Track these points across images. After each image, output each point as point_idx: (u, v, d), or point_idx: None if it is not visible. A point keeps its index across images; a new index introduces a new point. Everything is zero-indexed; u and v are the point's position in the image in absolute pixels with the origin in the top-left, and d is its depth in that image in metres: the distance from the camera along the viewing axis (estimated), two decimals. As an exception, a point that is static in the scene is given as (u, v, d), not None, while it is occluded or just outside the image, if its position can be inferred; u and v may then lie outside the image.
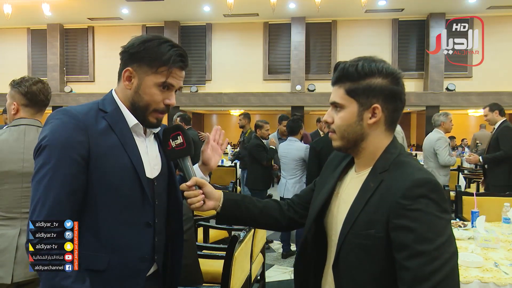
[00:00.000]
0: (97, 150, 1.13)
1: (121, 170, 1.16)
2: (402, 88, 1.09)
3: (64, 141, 1.10)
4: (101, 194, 1.15)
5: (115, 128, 1.18)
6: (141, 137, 1.26)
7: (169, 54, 1.17)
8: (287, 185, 4.49)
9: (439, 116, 4.88)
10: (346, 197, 1.13)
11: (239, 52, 13.39)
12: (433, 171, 4.69)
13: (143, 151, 1.24)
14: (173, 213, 1.34)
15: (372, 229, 1.00)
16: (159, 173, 1.29)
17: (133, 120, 1.22)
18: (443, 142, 4.73)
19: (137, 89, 1.20)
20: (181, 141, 1.24)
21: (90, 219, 1.14)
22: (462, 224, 2.76)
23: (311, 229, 1.20)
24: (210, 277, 2.75)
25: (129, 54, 1.20)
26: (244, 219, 1.33)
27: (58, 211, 1.08)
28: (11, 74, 11.63)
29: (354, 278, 1.05)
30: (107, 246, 1.16)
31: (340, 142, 1.12)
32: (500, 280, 1.85)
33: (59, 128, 1.12)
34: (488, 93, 11.95)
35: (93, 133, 1.14)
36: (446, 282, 0.90)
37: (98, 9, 12.34)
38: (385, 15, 12.44)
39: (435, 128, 4.90)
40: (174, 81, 1.21)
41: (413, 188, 0.97)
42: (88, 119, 1.15)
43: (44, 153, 1.10)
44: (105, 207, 1.15)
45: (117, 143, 1.17)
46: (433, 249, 0.92)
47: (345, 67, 1.09)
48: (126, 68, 1.20)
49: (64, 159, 1.10)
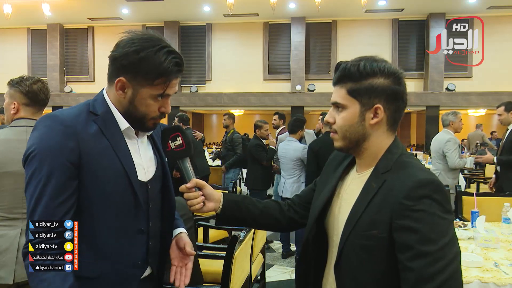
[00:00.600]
0: (88, 155, 1.10)
1: (112, 175, 1.13)
2: (404, 88, 1.09)
3: (53, 148, 1.07)
4: (93, 200, 1.12)
5: (106, 132, 1.15)
6: (133, 139, 1.23)
7: (166, 65, 1.11)
8: (286, 184, 4.49)
9: (448, 116, 4.59)
10: (347, 198, 1.12)
11: (239, 52, 13.39)
12: (441, 173, 4.52)
13: (136, 154, 1.21)
14: (166, 215, 1.33)
15: (375, 230, 1.00)
16: (153, 175, 1.26)
17: (124, 123, 1.18)
18: (453, 144, 4.45)
19: (131, 100, 1.15)
20: (180, 142, 1.22)
21: (82, 226, 1.08)
22: (462, 224, 2.76)
23: (312, 230, 1.20)
24: (210, 277, 2.75)
25: (121, 64, 1.12)
26: (244, 220, 1.32)
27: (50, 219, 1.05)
28: (11, 74, 11.54)
29: (356, 278, 1.04)
30: (99, 253, 1.14)
31: (342, 143, 1.11)
32: (500, 280, 1.85)
33: (47, 135, 1.08)
34: (488, 93, 11.96)
35: (83, 138, 1.10)
36: (450, 283, 0.90)
37: (98, 9, 12.35)
38: (385, 15, 12.44)
39: (444, 128, 4.63)
40: (171, 90, 1.17)
41: (416, 188, 0.96)
42: (77, 123, 1.11)
43: (34, 162, 1.07)
44: (97, 214, 1.13)
45: (108, 147, 1.14)
46: (437, 250, 0.91)
47: (347, 67, 1.08)
48: (119, 77, 1.13)
49: (55, 167, 1.06)
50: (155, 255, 1.28)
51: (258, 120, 5.33)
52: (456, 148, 4.45)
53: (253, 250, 2.62)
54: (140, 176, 1.20)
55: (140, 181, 1.20)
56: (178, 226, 1.38)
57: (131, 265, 1.20)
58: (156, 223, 1.28)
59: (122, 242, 1.17)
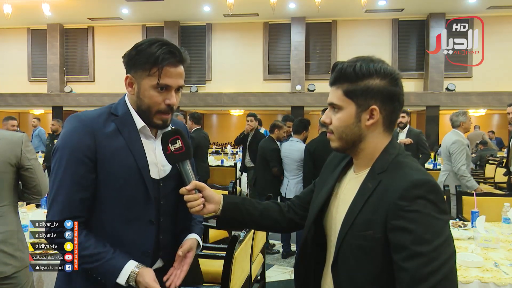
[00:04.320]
0: (104, 152, 1.21)
1: (126, 171, 1.23)
2: (400, 89, 1.08)
3: (73, 144, 1.20)
4: (107, 192, 1.22)
5: (122, 130, 1.25)
6: (151, 139, 1.31)
7: (158, 54, 1.19)
8: (289, 185, 4.49)
9: (458, 116, 4.29)
10: (345, 198, 1.12)
11: (239, 52, 13.39)
12: (449, 174, 4.29)
13: (151, 152, 1.29)
14: (182, 213, 1.35)
15: (370, 230, 1.00)
16: (168, 174, 1.32)
17: (141, 122, 1.28)
18: (459, 145, 4.14)
19: (138, 94, 1.25)
20: (180, 145, 1.24)
21: (96, 215, 1.23)
22: (462, 224, 2.76)
23: (311, 230, 1.20)
24: (210, 277, 2.75)
25: (126, 62, 1.26)
26: (244, 222, 1.32)
27: (70, 206, 1.19)
28: (11, 74, 11.58)
29: (352, 279, 1.05)
30: (111, 240, 1.23)
31: (338, 143, 1.12)
32: (500, 280, 1.85)
33: (69, 132, 1.22)
34: (488, 93, 11.96)
35: (101, 136, 1.22)
36: (444, 283, 0.90)
37: (98, 9, 12.35)
38: (385, 15, 12.44)
39: (453, 129, 4.34)
40: (168, 80, 1.21)
41: (411, 189, 0.96)
42: (96, 123, 1.23)
43: (57, 155, 1.22)
44: (110, 205, 1.23)
45: (124, 145, 1.24)
46: (431, 250, 0.91)
47: (343, 67, 1.08)
48: (127, 75, 1.26)
49: (73, 160, 1.19)
50: (167, 249, 1.35)
51: (277, 120, 5.02)
52: (462, 150, 4.14)
53: (253, 250, 2.62)
54: (153, 174, 1.28)
55: (153, 179, 1.28)
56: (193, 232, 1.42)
57: (141, 253, 1.27)
58: (168, 219, 1.34)
59: (133, 230, 1.25)
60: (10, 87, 13.80)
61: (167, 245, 1.35)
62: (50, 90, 13.73)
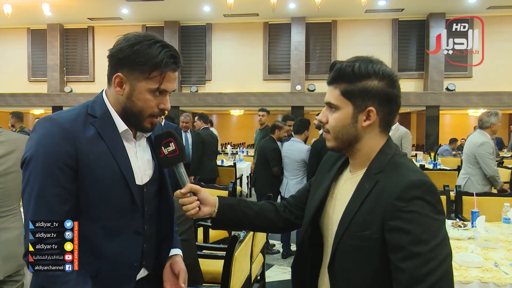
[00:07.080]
0: (86, 159, 1.10)
1: (110, 178, 1.13)
2: (398, 91, 1.08)
3: (50, 152, 1.06)
4: (91, 202, 1.12)
5: (103, 135, 1.14)
6: (132, 142, 1.22)
7: (161, 57, 1.11)
8: (289, 185, 4.49)
9: (490, 117, 3.87)
10: (341, 198, 1.12)
11: (239, 52, 13.39)
12: (469, 178, 3.96)
13: (133, 157, 1.21)
14: (164, 218, 1.32)
15: (367, 231, 1.00)
16: (150, 179, 1.26)
17: (122, 126, 1.18)
18: (488, 147, 3.81)
19: (129, 95, 1.15)
20: (173, 148, 1.20)
21: (80, 227, 1.08)
22: (462, 224, 2.75)
23: (308, 230, 1.20)
24: (210, 277, 2.75)
25: (117, 59, 1.13)
26: (240, 223, 1.31)
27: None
28: (11, 74, 11.61)
29: (349, 279, 1.05)
30: (96, 253, 1.14)
31: (334, 143, 1.11)
32: (500, 280, 1.85)
33: (44, 138, 1.08)
34: (488, 93, 11.97)
35: (81, 141, 1.10)
36: (441, 283, 0.91)
37: (98, 9, 12.35)
38: (385, 15, 12.44)
39: (480, 130, 3.95)
40: (168, 85, 1.15)
41: (408, 190, 0.96)
42: (75, 127, 1.10)
43: (31, 165, 1.07)
44: (94, 215, 1.13)
45: (106, 150, 1.13)
46: (428, 251, 0.92)
47: (342, 67, 1.07)
48: (116, 73, 1.14)
49: (52, 170, 1.06)
50: (150, 257, 1.28)
51: (278, 121, 5.03)
52: (492, 152, 3.83)
53: (253, 250, 2.62)
54: (137, 180, 1.20)
55: (137, 185, 1.20)
56: (175, 247, 1.37)
57: (127, 266, 1.21)
58: (152, 226, 1.27)
59: (119, 242, 1.17)
60: (10, 87, 13.81)
61: (151, 254, 1.28)
62: (50, 90, 13.74)
